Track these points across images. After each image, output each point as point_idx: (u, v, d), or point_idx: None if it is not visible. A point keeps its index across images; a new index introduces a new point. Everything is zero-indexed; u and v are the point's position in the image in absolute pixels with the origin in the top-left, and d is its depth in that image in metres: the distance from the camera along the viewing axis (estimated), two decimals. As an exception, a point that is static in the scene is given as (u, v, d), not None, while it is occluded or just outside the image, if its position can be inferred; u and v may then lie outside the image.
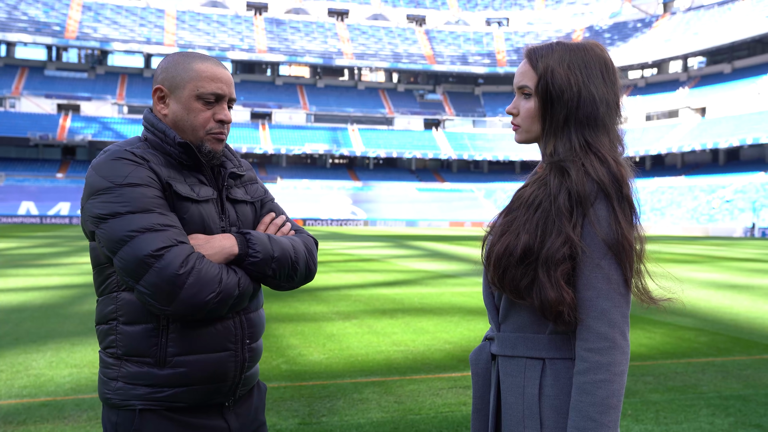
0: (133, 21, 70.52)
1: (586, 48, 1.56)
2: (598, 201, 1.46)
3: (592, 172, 1.47)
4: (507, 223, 1.53)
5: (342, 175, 70.37)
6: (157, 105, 1.70)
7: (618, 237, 1.45)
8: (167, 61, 1.71)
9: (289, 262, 1.69)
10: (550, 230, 1.46)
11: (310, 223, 58.75)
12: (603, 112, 1.52)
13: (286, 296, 10.36)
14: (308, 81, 77.29)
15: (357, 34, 77.30)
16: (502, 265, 1.49)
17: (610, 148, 1.53)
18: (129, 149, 1.62)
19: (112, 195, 1.54)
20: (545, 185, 1.51)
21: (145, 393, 1.59)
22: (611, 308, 1.44)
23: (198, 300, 1.52)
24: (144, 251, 1.50)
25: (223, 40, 71.56)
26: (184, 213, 1.62)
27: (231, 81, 1.72)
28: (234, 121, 68.44)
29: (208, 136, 1.69)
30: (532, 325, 1.52)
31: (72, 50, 71.07)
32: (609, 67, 1.56)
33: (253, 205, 1.82)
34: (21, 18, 66.52)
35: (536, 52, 1.57)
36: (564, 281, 1.44)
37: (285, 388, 5.05)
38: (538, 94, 1.54)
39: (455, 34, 79.53)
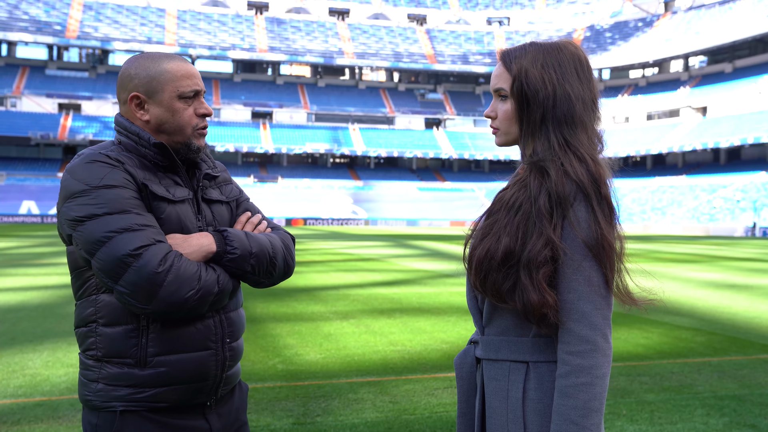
0: (134, 20, 70.54)
1: (560, 47, 1.56)
2: (577, 202, 1.45)
3: (571, 172, 1.46)
4: (488, 226, 1.52)
5: (343, 175, 70.38)
6: (136, 112, 1.69)
7: (598, 238, 1.43)
8: (134, 68, 1.69)
9: (267, 257, 1.70)
10: (531, 232, 1.46)
11: (311, 223, 58.77)
12: (579, 109, 1.52)
13: (284, 296, 10.37)
14: (309, 80, 77.28)
15: (358, 34, 77.28)
16: (484, 269, 1.48)
17: (589, 146, 1.52)
18: (104, 152, 1.63)
19: (88, 197, 1.55)
20: (525, 187, 1.51)
21: (126, 394, 1.60)
22: (592, 311, 1.43)
23: (177, 298, 1.53)
24: (122, 251, 1.51)
25: (224, 40, 71.55)
26: (161, 213, 1.63)
27: (200, 74, 1.75)
28: (235, 121, 68.64)
29: (195, 132, 1.71)
30: (515, 328, 1.51)
31: (73, 50, 71.12)
32: (583, 65, 1.56)
33: (229, 205, 1.83)
34: (22, 17, 66.55)
35: (510, 54, 1.57)
36: (546, 283, 1.44)
37: (280, 388, 5.05)
38: (513, 95, 1.54)
39: (456, 34, 79.49)
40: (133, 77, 1.69)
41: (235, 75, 74.62)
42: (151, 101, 1.68)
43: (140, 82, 1.68)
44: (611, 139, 66.46)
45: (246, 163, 70.72)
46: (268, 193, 62.40)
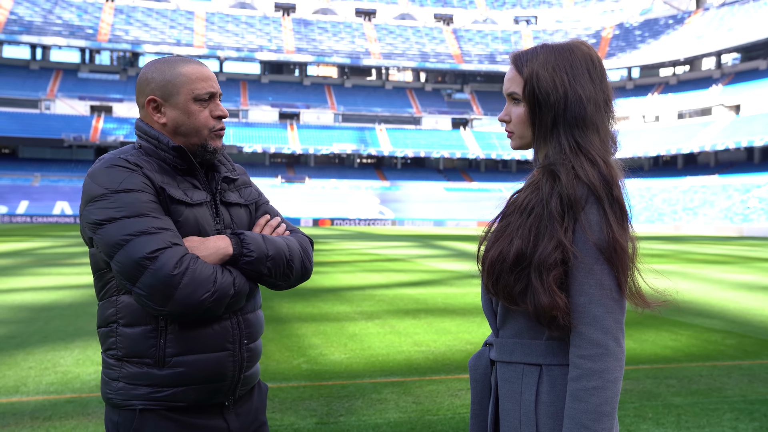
0: (164, 23, 71.47)
1: (572, 48, 1.55)
2: (588, 204, 1.45)
3: (582, 175, 1.46)
4: (501, 229, 1.53)
5: (370, 175, 70.48)
6: (153, 115, 1.73)
7: (610, 240, 1.43)
8: (151, 72, 1.73)
9: (284, 260, 1.72)
10: (542, 235, 1.46)
11: (338, 223, 58.96)
12: (591, 111, 1.51)
13: (310, 296, 10.43)
14: (336, 81, 77.55)
15: (384, 34, 77.33)
16: (496, 271, 1.49)
17: (601, 148, 1.51)
18: (123, 157, 1.67)
19: (107, 201, 1.59)
20: (538, 190, 1.51)
21: (145, 393, 1.63)
22: (604, 314, 1.42)
23: (193, 300, 1.56)
24: (139, 254, 1.54)
25: (252, 41, 72.14)
26: (179, 216, 1.66)
27: (215, 77, 1.77)
28: (262, 122, 69.15)
29: (211, 134, 1.73)
30: (529, 330, 1.51)
31: (104, 52, 72.29)
32: (596, 65, 1.55)
33: (248, 208, 1.85)
34: (56, 22, 67.85)
35: (521, 57, 1.57)
36: (557, 286, 1.44)
37: (304, 388, 5.08)
38: (525, 99, 1.54)
39: (483, 33, 79.11)
40: (149, 81, 1.72)
41: (263, 76, 75.18)
42: (167, 104, 1.71)
43: (156, 85, 1.71)
44: (641, 138, 65.63)
45: (273, 163, 71.20)
46: (296, 193, 62.76)
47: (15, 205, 55.24)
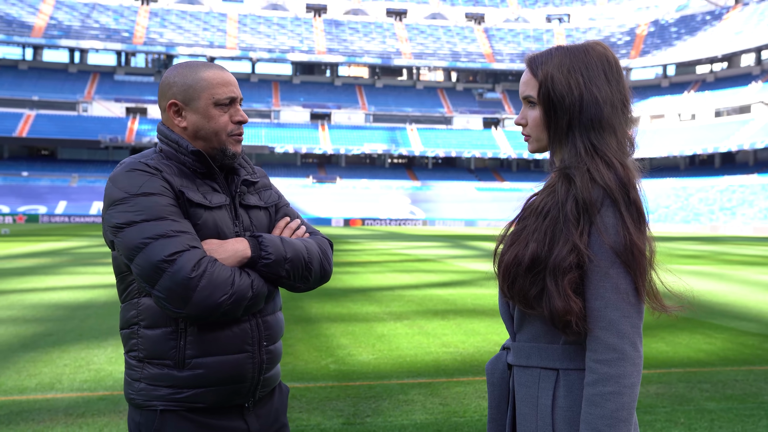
0: (197, 25, 72.41)
1: (587, 49, 1.53)
2: (604, 207, 1.43)
3: (598, 178, 1.44)
4: (517, 232, 1.52)
5: (401, 175, 70.48)
6: (174, 119, 1.75)
7: (626, 243, 1.41)
8: (173, 77, 1.75)
9: (303, 262, 1.73)
10: (557, 238, 1.44)
11: (369, 223, 59.07)
12: (608, 112, 1.49)
13: (339, 296, 10.46)
14: (367, 81, 77.71)
15: (415, 34, 77.26)
16: (511, 275, 1.48)
17: (618, 150, 1.49)
18: (143, 161, 1.69)
19: (127, 205, 1.61)
20: (554, 193, 1.50)
21: (165, 394, 1.65)
22: (620, 318, 1.40)
23: (211, 302, 1.57)
24: (158, 257, 1.56)
25: (283, 42, 72.68)
26: (198, 219, 1.68)
27: (236, 82, 1.79)
28: (294, 122, 69.61)
29: (230, 138, 1.75)
30: (545, 335, 1.50)
31: (140, 55, 73.53)
32: (612, 66, 1.53)
33: (267, 211, 1.86)
34: (93, 26, 69.22)
35: (536, 60, 1.55)
36: (572, 290, 1.42)
37: (332, 388, 5.10)
38: (540, 102, 1.53)
39: (515, 32, 78.53)
40: (171, 86, 1.74)
41: (294, 77, 75.68)
42: (188, 108, 1.73)
43: (178, 90, 1.73)
44: (677, 137, 64.46)
45: (305, 164, 71.63)
46: (327, 193, 63.04)
47: (54, 205, 56.50)
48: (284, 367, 5.70)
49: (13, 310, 8.75)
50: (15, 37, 65.39)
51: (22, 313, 8.53)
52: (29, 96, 64.54)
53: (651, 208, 56.98)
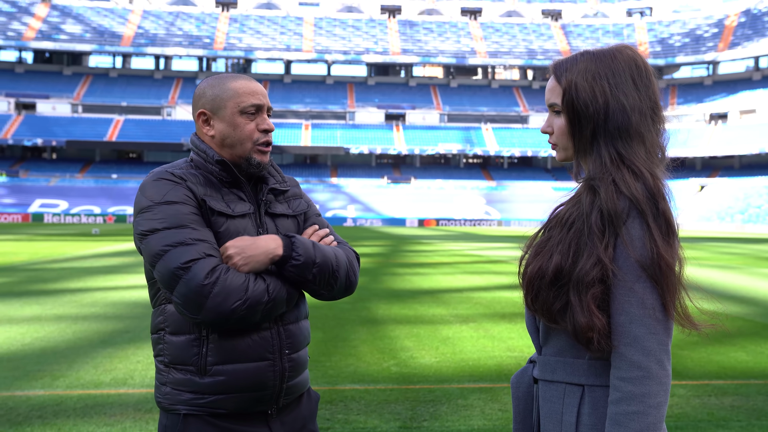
0: (274, 30, 74.09)
1: (614, 54, 1.48)
2: (630, 219, 1.37)
3: (624, 188, 1.38)
4: (542, 243, 1.48)
5: (475, 175, 69.90)
6: (203, 128, 1.81)
7: (654, 257, 1.35)
8: (203, 87, 1.82)
9: (330, 269, 1.74)
10: (582, 251, 1.40)
11: (443, 223, 58.86)
12: (636, 120, 1.44)
13: (407, 297, 10.47)
14: (441, 81, 77.45)
15: (490, 32, 76.43)
16: (535, 287, 1.44)
17: (647, 160, 1.43)
18: (170, 170, 1.75)
19: (152, 213, 1.68)
20: (580, 203, 1.45)
21: (189, 399, 1.70)
22: (646, 335, 1.35)
23: (224, 308, 1.60)
24: (174, 264, 1.61)
25: (358, 44, 73.39)
26: (219, 227, 1.72)
27: (265, 92, 1.82)
28: (368, 123, 70.14)
29: (255, 147, 1.78)
30: (571, 349, 1.46)
31: (220, 60, 75.84)
32: (641, 70, 1.47)
33: (296, 219, 1.88)
34: (177, 33, 71.98)
35: (560, 67, 1.51)
36: (595, 305, 1.37)
37: (391, 391, 5.12)
38: (564, 110, 1.48)
39: (593, 28, 76.46)
40: (201, 96, 1.81)
41: (369, 78, 76.28)
42: (216, 117, 1.78)
43: (206, 100, 1.79)
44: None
45: (379, 164, 72.09)
46: (401, 194, 63.24)
47: (140, 205, 59.01)
48: (346, 369, 5.76)
49: (96, 307, 9.20)
50: (106, 46, 68.78)
51: (104, 310, 8.95)
52: (118, 102, 67.72)
53: (740, 208, 54.30)
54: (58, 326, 7.68)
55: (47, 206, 56.16)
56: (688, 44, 71.32)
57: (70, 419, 4.37)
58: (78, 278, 12.77)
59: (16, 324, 7.77)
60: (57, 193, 58.45)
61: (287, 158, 69.97)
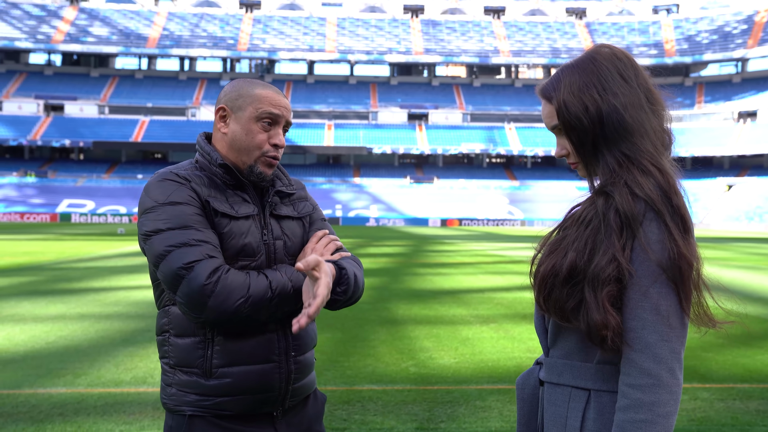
0: (298, 30, 74.41)
1: (593, 57, 1.47)
2: (647, 220, 1.34)
3: (638, 190, 1.36)
4: (557, 242, 1.46)
5: (499, 175, 69.55)
6: (218, 123, 1.80)
7: (674, 257, 1.32)
8: (231, 86, 1.82)
9: (348, 294, 1.73)
10: (598, 248, 1.37)
11: (466, 223, 58.66)
12: (632, 115, 1.41)
13: (428, 297, 10.44)
14: (464, 81, 77.18)
15: (514, 31, 76.00)
16: (548, 285, 1.41)
17: (654, 154, 1.41)
18: (175, 171, 1.75)
19: (156, 213, 1.67)
20: (596, 204, 1.43)
21: (194, 400, 1.69)
22: (658, 342, 1.31)
23: (227, 306, 1.60)
24: (177, 264, 1.61)
25: (381, 44, 73.41)
26: (223, 228, 1.71)
27: (289, 107, 1.81)
28: (391, 123, 70.14)
29: (262, 158, 1.77)
30: (579, 352, 1.42)
31: (243, 61, 76.38)
32: (624, 62, 1.45)
33: (301, 221, 1.87)
34: (201, 35, 72.63)
35: (547, 89, 1.50)
36: (610, 303, 1.34)
37: (409, 392, 5.09)
38: (563, 129, 1.47)
39: (618, 26, 75.64)
40: (226, 93, 1.81)
41: (392, 78, 76.27)
42: (233, 117, 1.77)
43: (229, 97, 1.79)
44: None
45: (402, 164, 72.05)
46: (424, 193, 63.14)
47: (165, 205, 59.66)
48: (365, 369, 5.75)
49: (119, 306, 9.31)
50: (132, 48, 69.62)
51: (127, 309, 9.05)
52: (144, 103, 68.51)
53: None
54: (82, 325, 7.78)
55: (74, 206, 57.01)
56: (716, 41, 70.22)
57: (90, 417, 4.41)
58: (102, 277, 12.94)
59: (41, 322, 7.89)
60: (84, 194, 59.32)
61: (310, 158, 70.24)
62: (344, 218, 56.76)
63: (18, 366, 5.78)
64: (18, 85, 68.07)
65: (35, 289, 10.92)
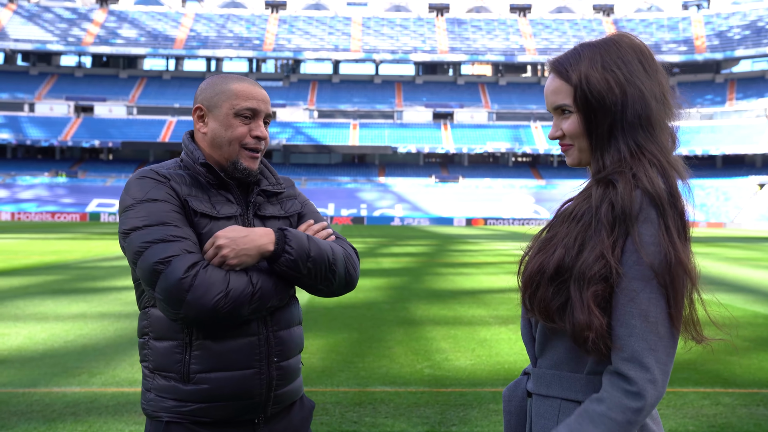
0: (323, 30, 74.63)
1: (616, 41, 1.39)
2: (644, 218, 1.26)
3: (647, 182, 1.28)
4: (546, 240, 1.38)
5: (524, 174, 69.03)
6: (197, 123, 1.78)
7: (670, 261, 1.24)
8: (206, 83, 1.79)
9: (326, 263, 1.68)
10: (587, 244, 1.29)
11: (491, 223, 58.32)
12: (656, 107, 1.34)
13: (447, 297, 10.35)
14: (490, 79, 76.74)
15: (540, 29, 75.35)
16: (534, 283, 1.34)
17: (667, 150, 1.35)
18: (155, 169, 1.73)
19: (133, 211, 1.65)
20: (589, 197, 1.35)
21: (171, 406, 1.66)
22: (644, 351, 1.24)
23: (206, 301, 1.55)
24: (154, 259, 1.58)
25: (406, 43, 73.31)
26: (202, 229, 1.68)
27: (267, 99, 1.76)
28: (416, 122, 70.03)
29: (243, 152, 1.73)
30: (569, 362, 1.35)
31: (269, 61, 76.84)
32: (647, 56, 1.38)
33: (288, 221, 1.83)
34: (227, 35, 73.22)
35: (563, 63, 1.42)
36: (595, 304, 1.26)
37: (422, 394, 5.03)
38: (578, 108, 1.38)
39: (647, 22, 74.54)
40: (202, 92, 1.78)
41: (417, 77, 76.13)
42: (211, 115, 1.75)
43: (205, 95, 1.77)
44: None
45: (427, 163, 71.89)
46: (449, 193, 62.92)
47: (192, 205, 60.28)
48: (379, 370, 5.69)
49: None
50: (160, 49, 70.44)
51: (147, 308, 9.11)
52: (171, 104, 69.26)
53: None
54: (101, 324, 7.84)
55: (103, 206, 57.84)
56: (748, 37, 68.82)
57: (101, 417, 4.43)
58: (125, 277, 13.06)
59: (62, 321, 7.97)
60: (113, 193, 60.14)
61: (335, 158, 70.40)
62: (369, 217, 56.77)
63: (36, 364, 5.83)
64: (50, 87, 69.30)
65: (60, 288, 11.07)
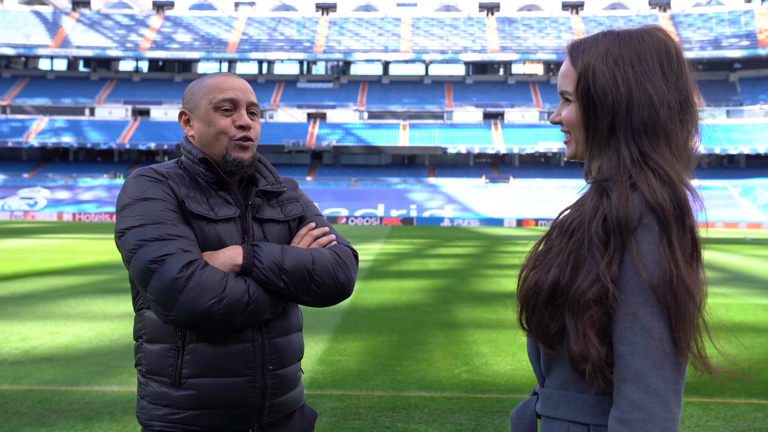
0: (372, 31, 74.86)
1: (642, 35, 1.27)
2: (643, 230, 1.15)
3: (649, 194, 1.16)
4: (542, 254, 1.28)
5: (577, 174, 67.67)
6: (185, 129, 1.77)
7: (669, 279, 1.13)
8: (188, 88, 1.79)
9: (305, 274, 1.61)
10: (580, 266, 1.19)
11: (542, 223, 57.43)
12: (665, 116, 1.22)
13: (492, 300, 10.18)
14: (541, 78, 75.63)
15: (593, 27, 73.80)
16: (530, 305, 1.24)
17: (673, 163, 1.22)
18: (154, 168, 1.70)
19: (130, 209, 1.62)
20: (583, 206, 1.25)
21: (163, 414, 1.63)
22: (650, 370, 1.13)
23: (199, 305, 1.50)
24: (148, 257, 1.54)
25: (456, 43, 72.89)
26: (200, 231, 1.64)
27: (245, 87, 1.72)
28: (466, 122, 69.56)
29: (232, 143, 1.70)
30: (576, 381, 1.24)
31: (320, 63, 77.46)
32: (672, 57, 1.26)
33: (287, 224, 1.77)
34: (278, 38, 74.19)
35: (577, 47, 1.30)
36: (593, 331, 1.16)
37: (457, 399, 4.93)
38: (578, 98, 1.28)
39: (706, 17, 72.25)
40: (184, 96, 1.79)
41: (467, 77, 75.62)
42: (193, 116, 1.74)
43: (186, 100, 1.76)
44: None
45: (478, 164, 71.31)
46: (500, 193, 62.27)
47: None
48: (416, 374, 5.62)
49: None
50: (213, 53, 71.86)
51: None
52: (224, 106, 70.64)
53: None
54: (147, 323, 7.98)
55: (159, 206, 59.38)
56: (814, 31, 66.04)
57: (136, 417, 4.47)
58: (175, 276, 13.32)
59: (109, 320, 8.15)
60: (168, 194, 61.74)
61: (385, 158, 70.51)
62: (419, 218, 56.65)
63: (80, 363, 5.96)
64: (108, 92, 71.50)
65: (110, 287, 11.34)
